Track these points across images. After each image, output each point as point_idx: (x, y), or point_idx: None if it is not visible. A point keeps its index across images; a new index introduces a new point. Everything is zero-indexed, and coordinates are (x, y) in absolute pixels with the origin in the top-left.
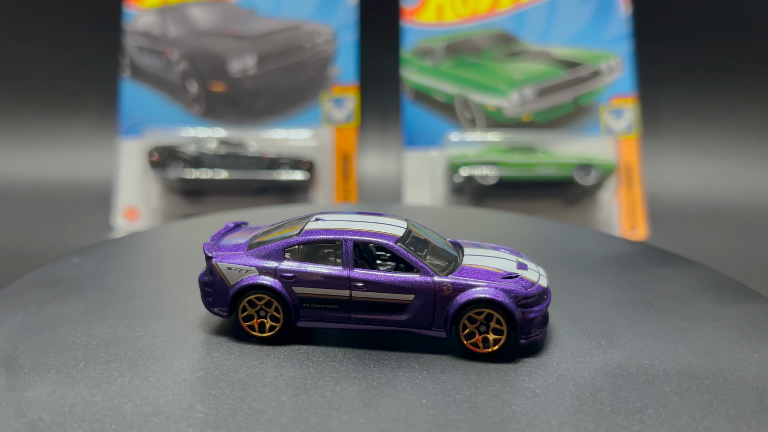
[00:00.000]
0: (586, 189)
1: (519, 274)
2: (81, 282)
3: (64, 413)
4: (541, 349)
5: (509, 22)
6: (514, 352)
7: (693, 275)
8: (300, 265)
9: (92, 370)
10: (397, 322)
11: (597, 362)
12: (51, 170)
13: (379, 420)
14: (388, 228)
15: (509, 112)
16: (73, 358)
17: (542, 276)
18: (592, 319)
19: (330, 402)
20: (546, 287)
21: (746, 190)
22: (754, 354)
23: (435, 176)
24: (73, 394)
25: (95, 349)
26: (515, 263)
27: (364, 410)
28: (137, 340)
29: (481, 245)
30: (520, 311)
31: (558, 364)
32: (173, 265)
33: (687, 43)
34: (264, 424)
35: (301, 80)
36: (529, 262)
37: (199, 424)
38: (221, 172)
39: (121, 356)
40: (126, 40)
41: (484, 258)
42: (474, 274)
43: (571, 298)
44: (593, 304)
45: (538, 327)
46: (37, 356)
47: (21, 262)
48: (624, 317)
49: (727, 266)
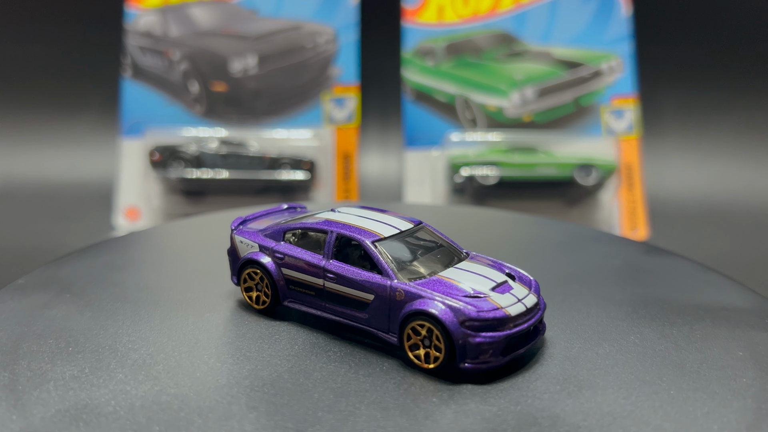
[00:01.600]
0: (587, 189)
1: (487, 295)
2: (83, 281)
3: (66, 412)
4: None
5: (510, 23)
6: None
7: (693, 273)
8: (291, 248)
9: (94, 369)
10: (360, 319)
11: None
12: (52, 170)
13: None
14: (385, 228)
15: (510, 112)
16: (75, 356)
17: (519, 305)
18: (585, 323)
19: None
20: (510, 315)
21: (747, 190)
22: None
23: (436, 176)
24: (74, 393)
25: (97, 348)
26: (494, 284)
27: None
28: (139, 338)
29: (492, 264)
30: (462, 333)
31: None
32: (173, 262)
33: (688, 44)
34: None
35: (303, 80)
36: (522, 289)
37: (200, 424)
38: (222, 172)
39: (120, 352)
40: (127, 40)
41: (467, 273)
42: (435, 286)
43: (571, 297)
44: (592, 303)
45: (491, 354)
46: (38, 355)
47: (22, 262)
48: (620, 318)
49: (728, 266)
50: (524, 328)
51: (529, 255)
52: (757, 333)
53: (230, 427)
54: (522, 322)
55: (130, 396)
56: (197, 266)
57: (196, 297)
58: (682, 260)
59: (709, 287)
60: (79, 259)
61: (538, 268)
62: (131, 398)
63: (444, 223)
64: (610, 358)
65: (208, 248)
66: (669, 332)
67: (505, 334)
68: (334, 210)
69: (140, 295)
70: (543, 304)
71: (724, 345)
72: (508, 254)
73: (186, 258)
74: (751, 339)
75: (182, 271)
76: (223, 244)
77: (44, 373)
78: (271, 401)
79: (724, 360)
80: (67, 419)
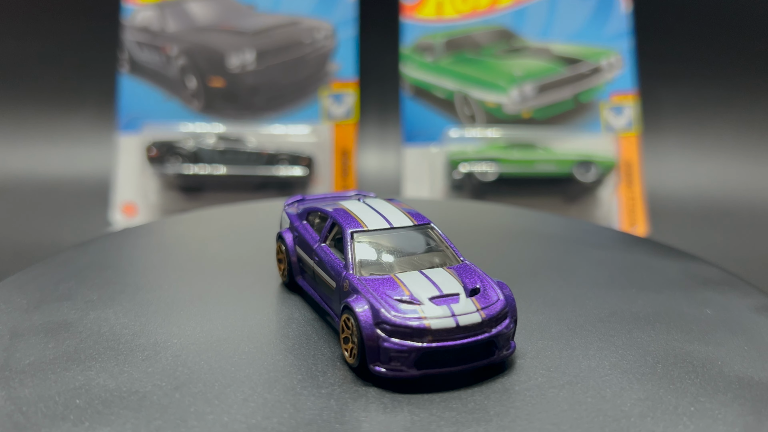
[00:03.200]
0: (586, 186)
1: (421, 303)
2: (79, 276)
3: (60, 407)
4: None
5: (509, 19)
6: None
7: (693, 269)
8: (304, 229)
9: (89, 363)
10: (328, 304)
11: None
12: (49, 165)
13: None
14: (380, 221)
15: (509, 108)
16: (70, 351)
17: (448, 320)
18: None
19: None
20: (430, 328)
21: (746, 187)
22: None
23: (434, 172)
24: (69, 387)
25: (93, 344)
26: (439, 294)
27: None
28: (137, 334)
29: (468, 275)
30: (374, 334)
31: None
32: (172, 259)
33: (688, 40)
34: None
35: (301, 76)
36: (470, 306)
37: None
38: (220, 167)
39: (120, 349)
40: (125, 36)
41: (424, 279)
42: (378, 284)
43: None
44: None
45: (402, 363)
46: (34, 351)
47: (18, 257)
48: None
49: (727, 263)
50: (448, 346)
51: (522, 246)
52: (756, 328)
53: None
54: (447, 339)
55: (127, 392)
56: (196, 263)
57: (195, 295)
58: (681, 255)
59: (708, 283)
60: (75, 255)
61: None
62: (128, 393)
63: (443, 217)
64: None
65: (207, 243)
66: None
67: (417, 346)
68: (360, 199)
69: (140, 290)
70: (504, 326)
71: (723, 342)
72: (501, 245)
73: (185, 253)
74: (750, 335)
75: (182, 267)
76: (222, 239)
77: (39, 368)
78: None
79: (725, 357)
80: (62, 413)
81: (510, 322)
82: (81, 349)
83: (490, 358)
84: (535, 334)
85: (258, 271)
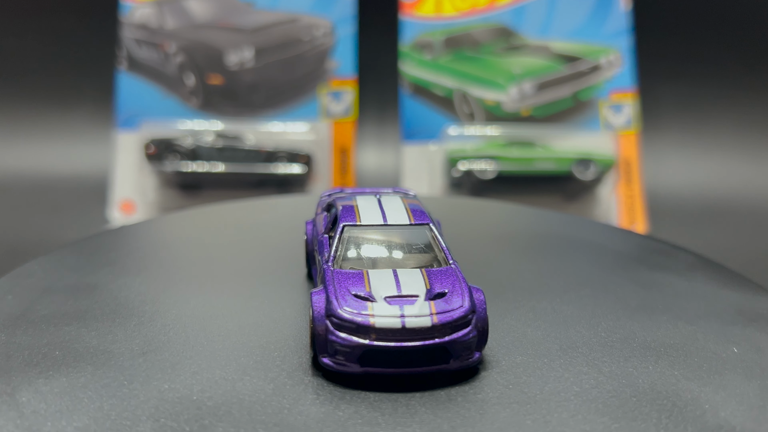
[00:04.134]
0: (585, 184)
1: (375, 300)
2: (76, 275)
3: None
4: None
5: (508, 16)
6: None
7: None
8: (321, 220)
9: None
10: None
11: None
12: (47, 163)
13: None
14: (376, 216)
15: (508, 106)
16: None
17: (395, 320)
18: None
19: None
20: (373, 326)
21: (746, 185)
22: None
23: (433, 170)
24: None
25: (103, 306)
26: (397, 294)
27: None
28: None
29: (437, 278)
30: (323, 325)
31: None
32: (170, 257)
33: (687, 39)
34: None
35: (299, 73)
36: (423, 309)
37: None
38: (218, 165)
39: (121, 312)
40: (123, 33)
41: (391, 277)
42: (345, 278)
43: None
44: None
45: (346, 358)
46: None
47: (16, 254)
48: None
49: (726, 261)
50: (392, 347)
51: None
52: (755, 325)
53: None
54: (392, 339)
55: (124, 389)
56: (196, 262)
57: (194, 294)
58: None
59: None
60: (72, 253)
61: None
62: (124, 390)
63: (437, 215)
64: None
65: (205, 241)
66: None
67: (360, 342)
68: (377, 194)
69: (138, 289)
70: (462, 334)
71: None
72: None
73: (183, 250)
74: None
75: (180, 266)
76: (220, 237)
77: (35, 366)
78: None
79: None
80: (59, 412)
81: (471, 330)
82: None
83: (444, 365)
84: (520, 348)
85: (281, 263)
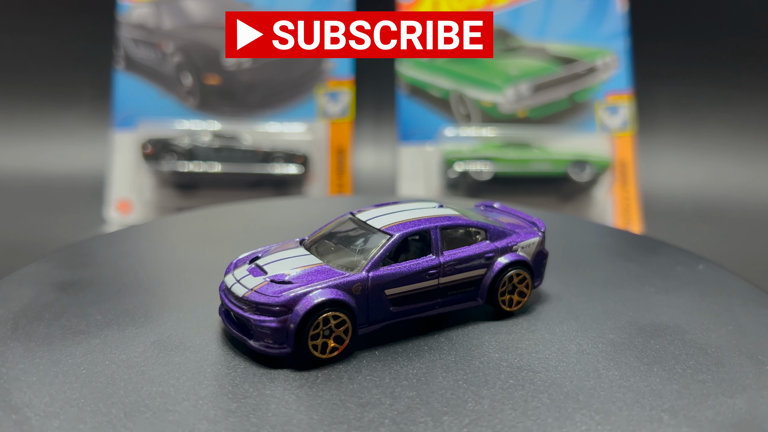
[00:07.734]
0: (581, 185)
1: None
2: (75, 275)
3: (57, 405)
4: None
5: (505, 18)
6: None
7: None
8: None
9: (85, 362)
10: None
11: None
12: (43, 162)
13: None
14: (373, 219)
15: (504, 107)
16: (65, 350)
17: (236, 282)
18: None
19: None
20: (224, 285)
21: (741, 187)
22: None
23: (430, 171)
24: (66, 386)
25: (89, 342)
26: (266, 272)
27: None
28: (133, 331)
29: (322, 273)
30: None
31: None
32: (170, 258)
33: (683, 41)
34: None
35: (296, 74)
36: (257, 280)
37: (199, 413)
38: (215, 165)
39: (116, 346)
40: (120, 32)
41: (294, 261)
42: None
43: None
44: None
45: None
46: (28, 349)
47: (13, 255)
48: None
49: (722, 262)
50: (225, 303)
51: None
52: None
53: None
54: (227, 298)
55: (121, 389)
56: (196, 261)
57: (194, 292)
58: (674, 250)
59: (704, 277)
60: (71, 254)
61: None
62: (121, 390)
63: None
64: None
65: (205, 243)
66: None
67: (221, 294)
68: (441, 205)
69: (136, 289)
70: (260, 320)
71: (720, 336)
72: None
73: (183, 251)
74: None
75: (179, 267)
76: (220, 239)
77: (34, 366)
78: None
79: (722, 351)
80: (60, 410)
81: (270, 321)
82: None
83: (247, 339)
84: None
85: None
